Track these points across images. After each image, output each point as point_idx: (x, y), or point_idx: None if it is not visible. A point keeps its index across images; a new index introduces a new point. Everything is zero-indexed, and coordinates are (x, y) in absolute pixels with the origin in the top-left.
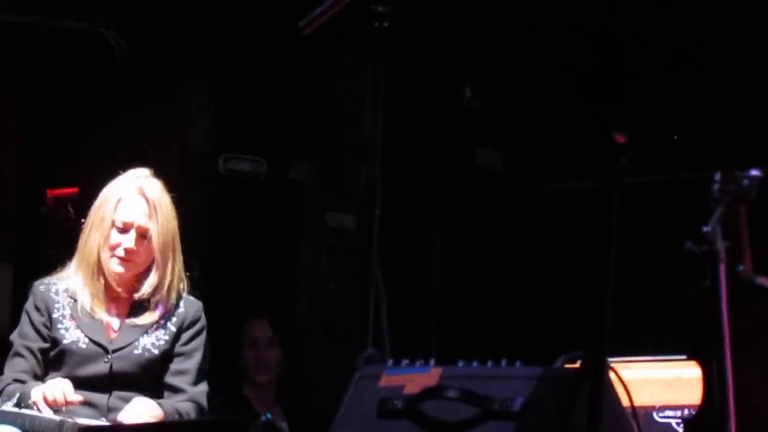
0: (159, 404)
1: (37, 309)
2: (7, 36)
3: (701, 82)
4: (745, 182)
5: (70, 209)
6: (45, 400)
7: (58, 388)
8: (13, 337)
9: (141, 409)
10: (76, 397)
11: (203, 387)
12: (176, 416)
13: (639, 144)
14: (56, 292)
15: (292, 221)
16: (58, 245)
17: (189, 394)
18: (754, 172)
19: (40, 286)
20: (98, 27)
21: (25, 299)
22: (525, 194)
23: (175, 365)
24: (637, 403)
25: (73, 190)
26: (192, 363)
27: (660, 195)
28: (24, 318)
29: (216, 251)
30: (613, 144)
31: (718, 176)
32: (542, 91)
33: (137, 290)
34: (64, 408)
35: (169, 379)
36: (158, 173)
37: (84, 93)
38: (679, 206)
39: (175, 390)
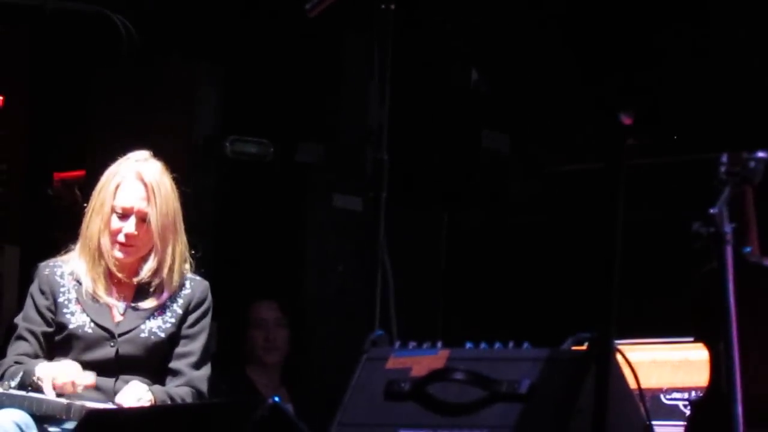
0: (150, 390)
1: (42, 292)
2: (13, 18)
3: (708, 63)
4: (752, 164)
5: (77, 192)
6: (54, 385)
7: (68, 375)
8: (17, 320)
9: (131, 393)
10: (88, 378)
11: (205, 371)
12: (167, 401)
13: (646, 125)
14: (61, 275)
15: (298, 203)
16: (65, 228)
17: (187, 378)
18: (761, 154)
19: (45, 269)
20: (105, 9)
21: (30, 282)
22: (531, 176)
23: (179, 348)
24: (644, 385)
25: (80, 172)
26: (196, 345)
27: (667, 177)
28: (29, 301)
29: (223, 233)
30: (619, 126)
31: (725, 158)
32: (549, 72)
33: (137, 274)
34: (79, 389)
35: (172, 362)
36: (165, 156)
37: (90, 76)
38: (687, 188)
39: (175, 374)
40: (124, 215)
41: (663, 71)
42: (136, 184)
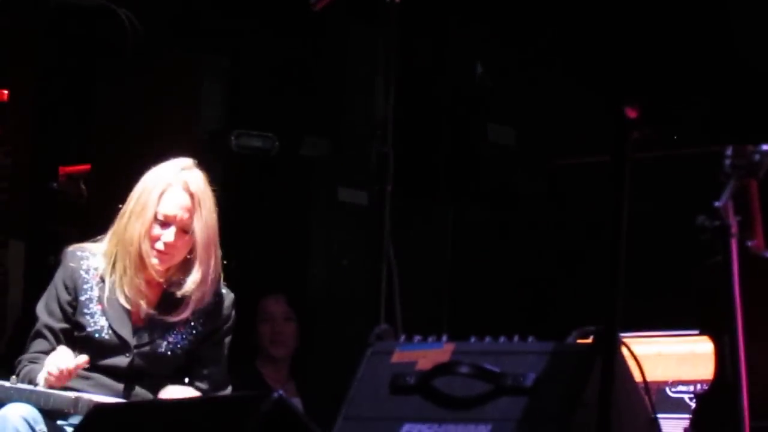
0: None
1: (66, 287)
2: (18, 12)
3: (713, 55)
4: (757, 157)
5: (83, 186)
6: (51, 380)
7: (61, 361)
8: (39, 310)
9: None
10: (80, 359)
11: (227, 391)
12: None
13: (651, 118)
14: (87, 270)
15: (303, 197)
16: (71, 223)
17: None
18: (766, 147)
19: (72, 259)
20: (109, 3)
21: (36, 276)
22: (537, 170)
23: (202, 368)
24: (649, 378)
25: (85, 167)
26: (217, 368)
27: (672, 169)
28: (52, 292)
29: (228, 228)
30: (624, 119)
31: (729, 151)
32: (554, 66)
33: (179, 285)
34: (73, 371)
35: (195, 381)
36: (170, 150)
37: (95, 70)
38: (692, 181)
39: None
40: (166, 223)
41: (667, 63)
42: (182, 193)
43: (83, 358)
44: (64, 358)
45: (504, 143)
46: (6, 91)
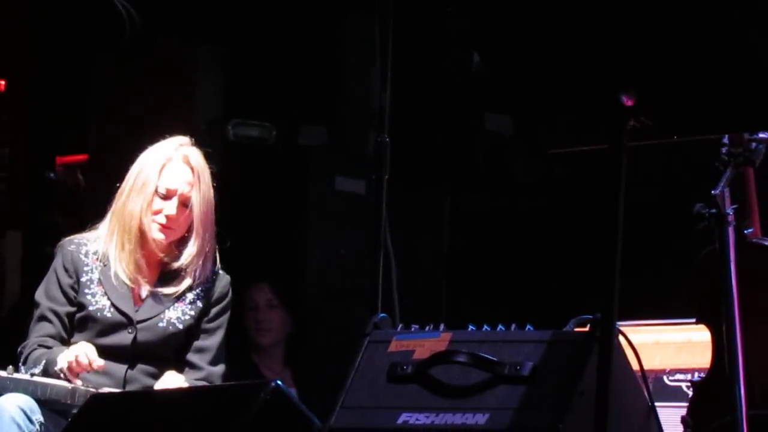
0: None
1: (66, 270)
2: (15, 2)
3: (709, 44)
4: (754, 145)
5: (80, 176)
6: (71, 368)
7: (82, 352)
8: (39, 296)
9: (170, 384)
10: (100, 361)
11: (221, 368)
12: None
13: (647, 106)
14: (86, 254)
15: (301, 186)
16: (68, 212)
17: (206, 374)
18: (763, 135)
19: (70, 245)
20: None
21: (34, 267)
22: (534, 158)
23: (197, 342)
24: (647, 366)
25: (83, 156)
26: (213, 341)
27: (669, 157)
28: (52, 278)
29: (225, 217)
30: (621, 107)
31: (726, 139)
32: (551, 54)
33: (176, 258)
34: (89, 371)
35: (190, 356)
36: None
37: (92, 60)
38: (689, 168)
39: (194, 367)
40: (167, 196)
41: (664, 51)
42: (182, 167)
43: (101, 363)
44: (93, 351)
45: (501, 132)
46: (3, 81)
